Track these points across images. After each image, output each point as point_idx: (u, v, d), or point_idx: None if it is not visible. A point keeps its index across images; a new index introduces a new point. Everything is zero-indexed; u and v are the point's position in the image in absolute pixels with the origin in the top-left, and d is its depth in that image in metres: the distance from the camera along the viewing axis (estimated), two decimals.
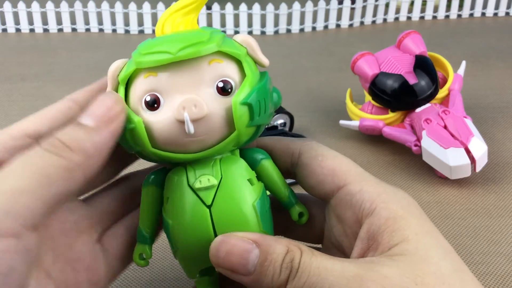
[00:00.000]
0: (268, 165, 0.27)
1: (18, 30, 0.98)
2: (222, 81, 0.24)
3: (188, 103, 0.23)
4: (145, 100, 0.24)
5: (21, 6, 0.96)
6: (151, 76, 0.24)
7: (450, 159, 0.48)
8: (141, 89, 0.24)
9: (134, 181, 0.30)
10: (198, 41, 0.23)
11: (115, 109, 0.22)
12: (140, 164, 0.30)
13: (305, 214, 0.28)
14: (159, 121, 0.24)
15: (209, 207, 0.24)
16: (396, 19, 1.05)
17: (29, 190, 0.19)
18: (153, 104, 0.24)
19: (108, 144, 0.22)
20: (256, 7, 0.96)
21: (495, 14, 1.08)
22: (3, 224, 0.18)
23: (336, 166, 0.26)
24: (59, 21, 0.98)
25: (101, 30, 0.99)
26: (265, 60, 0.26)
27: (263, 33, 0.99)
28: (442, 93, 0.56)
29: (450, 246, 0.23)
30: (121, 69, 0.25)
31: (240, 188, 0.25)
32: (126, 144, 0.25)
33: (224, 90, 0.24)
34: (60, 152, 0.20)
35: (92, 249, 0.26)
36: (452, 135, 0.50)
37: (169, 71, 0.23)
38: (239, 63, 0.25)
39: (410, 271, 0.21)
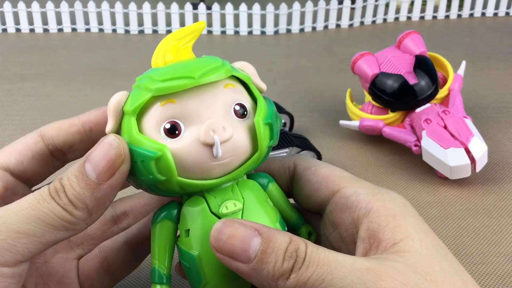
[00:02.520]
0: (274, 188, 0.27)
1: (18, 30, 0.98)
2: (238, 104, 0.24)
3: (216, 126, 0.23)
4: (164, 127, 0.23)
5: (21, 6, 0.96)
6: (168, 103, 0.23)
7: (450, 159, 0.48)
8: (158, 117, 0.23)
9: (116, 207, 0.31)
10: (214, 66, 0.24)
11: (117, 162, 0.22)
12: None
13: (313, 233, 0.28)
14: (183, 147, 0.23)
15: None
16: (396, 19, 1.05)
17: (33, 235, 0.21)
18: (174, 131, 0.23)
19: (110, 197, 0.23)
20: (256, 7, 0.96)
21: (495, 14, 1.08)
22: (2, 258, 0.21)
23: (329, 172, 0.27)
24: (59, 21, 0.98)
25: (101, 30, 0.99)
26: (263, 85, 0.26)
27: (263, 33, 0.99)
28: (442, 93, 0.56)
29: (446, 248, 0.23)
30: (124, 101, 0.24)
31: (263, 211, 0.25)
32: (141, 177, 0.24)
33: (242, 113, 0.24)
34: (67, 207, 0.22)
35: (65, 266, 0.28)
36: (452, 135, 0.50)
37: (188, 97, 0.23)
38: (245, 87, 0.25)
39: (419, 267, 0.21)
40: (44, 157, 0.27)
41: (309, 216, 0.29)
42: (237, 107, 0.24)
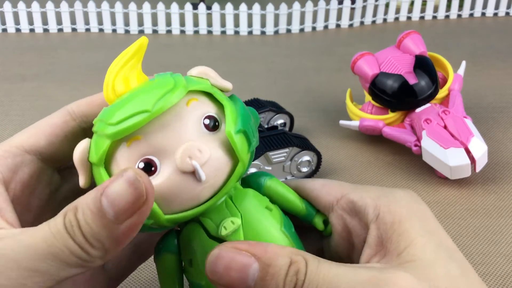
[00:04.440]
0: (274, 184, 0.26)
1: (18, 30, 0.98)
2: (206, 117, 0.22)
3: (191, 151, 0.21)
4: (138, 168, 0.21)
5: (21, 6, 0.96)
6: (134, 141, 0.21)
7: (450, 159, 0.48)
8: (128, 159, 0.22)
9: None
10: (167, 89, 0.21)
11: (137, 204, 0.20)
12: None
13: (328, 222, 0.26)
14: (163, 182, 0.21)
15: None
16: (396, 19, 1.05)
17: (47, 273, 0.20)
18: (149, 169, 0.21)
19: (129, 237, 0.20)
20: (256, 7, 0.96)
21: (495, 14, 1.08)
22: None
23: (327, 182, 0.26)
24: (59, 21, 0.98)
25: (101, 30, 0.99)
26: (227, 84, 0.25)
27: (263, 33, 0.99)
28: (442, 93, 0.56)
29: (454, 245, 0.23)
30: (87, 151, 0.22)
31: (264, 219, 0.23)
32: None
33: (213, 126, 0.22)
34: (83, 245, 0.20)
35: None
36: (452, 135, 0.50)
37: (152, 129, 0.21)
38: (208, 95, 0.23)
39: (423, 277, 0.21)
40: (77, 137, 0.25)
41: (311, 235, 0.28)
42: (206, 121, 0.22)
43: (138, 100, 0.21)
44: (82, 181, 0.22)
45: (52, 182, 0.26)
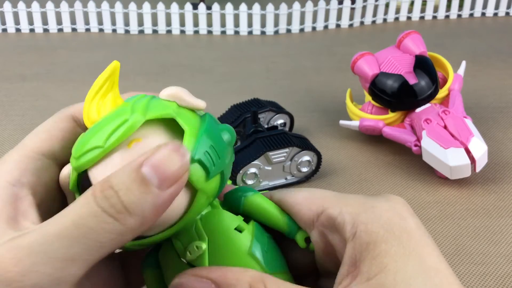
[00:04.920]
0: (253, 200, 0.25)
1: (18, 30, 0.98)
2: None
3: None
4: None
5: (21, 6, 0.96)
6: (135, 143, 0.21)
7: (450, 159, 0.48)
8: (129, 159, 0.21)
9: None
10: (122, 121, 0.21)
11: (182, 170, 0.19)
12: None
13: (311, 240, 0.26)
14: None
15: None
16: (396, 19, 1.05)
17: (79, 259, 0.19)
18: None
19: (167, 205, 0.20)
20: (256, 7, 0.96)
21: (495, 14, 1.08)
22: None
23: (309, 194, 0.25)
24: (59, 21, 0.98)
25: (101, 30, 0.99)
26: (199, 103, 0.23)
27: (263, 33, 0.99)
28: (442, 93, 0.56)
29: (439, 263, 0.21)
30: (69, 176, 0.22)
31: (230, 242, 0.23)
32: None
33: None
34: (118, 216, 0.19)
35: (111, 264, 0.26)
36: (452, 135, 0.50)
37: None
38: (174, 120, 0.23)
39: None
40: None
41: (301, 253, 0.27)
42: None
43: (97, 134, 0.21)
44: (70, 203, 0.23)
45: None
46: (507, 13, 1.08)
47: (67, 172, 0.22)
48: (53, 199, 0.24)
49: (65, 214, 0.19)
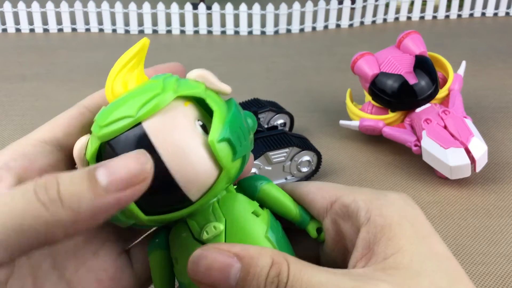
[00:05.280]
0: (269, 188, 0.25)
1: (18, 30, 0.98)
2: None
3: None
4: None
5: (21, 6, 0.96)
6: (190, 104, 0.22)
7: (450, 159, 0.48)
8: (187, 118, 0.22)
9: None
10: (153, 94, 0.21)
11: (137, 178, 0.19)
12: None
13: (322, 230, 0.26)
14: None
15: None
16: (396, 19, 1.05)
17: (3, 244, 0.18)
18: None
19: (108, 213, 0.19)
20: (256, 7, 0.96)
21: (495, 14, 1.08)
22: None
23: (322, 185, 0.26)
24: (59, 21, 0.98)
25: (101, 30, 0.99)
26: (226, 88, 0.24)
27: (263, 33, 0.99)
28: (442, 93, 0.56)
29: (447, 251, 0.22)
30: (85, 147, 0.22)
31: (248, 225, 0.23)
32: (118, 221, 0.23)
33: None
34: (49, 204, 0.18)
35: (117, 259, 0.26)
36: (452, 135, 0.50)
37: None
38: (203, 100, 0.23)
39: (406, 286, 0.20)
40: None
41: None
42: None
43: (126, 104, 0.21)
44: None
45: None
46: (507, 13, 1.08)
47: (84, 142, 0.22)
48: None
49: (6, 193, 0.19)
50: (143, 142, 0.21)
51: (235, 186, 0.26)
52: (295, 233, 0.26)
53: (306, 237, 0.27)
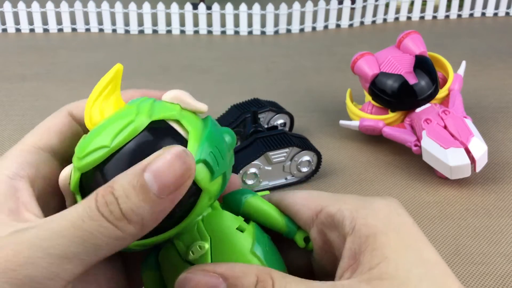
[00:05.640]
0: (253, 201, 0.26)
1: (18, 30, 0.98)
2: None
3: None
4: None
5: (21, 6, 0.96)
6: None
7: (450, 159, 0.48)
8: None
9: None
10: (128, 121, 0.21)
11: (183, 178, 0.20)
12: None
13: (310, 239, 0.26)
14: None
15: None
16: (396, 19, 1.05)
17: (75, 258, 0.19)
18: None
19: (167, 212, 0.20)
20: (256, 7, 0.96)
21: (495, 14, 1.08)
22: (47, 286, 0.19)
23: (308, 194, 0.25)
24: (59, 21, 0.98)
25: (101, 30, 0.99)
26: (202, 106, 0.24)
27: (263, 33, 0.99)
28: (442, 93, 0.56)
29: (435, 256, 0.22)
30: (69, 178, 0.22)
31: (233, 241, 0.24)
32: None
33: None
34: (117, 223, 0.19)
35: (113, 262, 0.26)
36: (452, 135, 0.50)
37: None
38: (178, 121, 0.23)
39: None
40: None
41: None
42: None
43: (102, 133, 0.21)
44: (68, 205, 0.23)
45: None
46: (507, 13, 1.08)
47: (68, 173, 0.23)
48: (52, 192, 0.24)
49: (67, 214, 0.20)
50: (122, 170, 0.21)
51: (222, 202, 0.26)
52: (286, 241, 0.26)
53: (297, 245, 0.27)
